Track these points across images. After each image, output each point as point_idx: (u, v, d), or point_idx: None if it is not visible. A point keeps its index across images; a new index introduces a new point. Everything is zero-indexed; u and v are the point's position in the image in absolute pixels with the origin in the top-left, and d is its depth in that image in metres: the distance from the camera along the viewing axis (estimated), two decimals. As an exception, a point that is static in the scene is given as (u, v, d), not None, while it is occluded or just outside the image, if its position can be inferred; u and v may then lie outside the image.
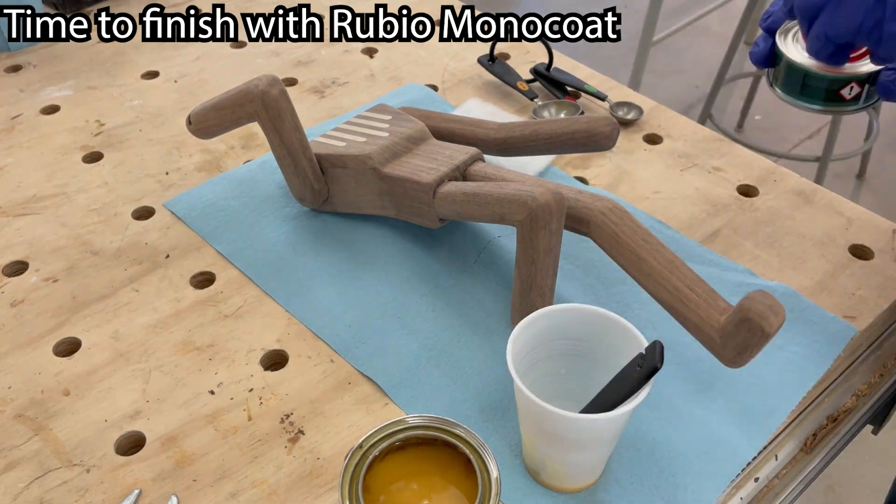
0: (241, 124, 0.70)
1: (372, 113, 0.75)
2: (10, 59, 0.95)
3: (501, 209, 0.58)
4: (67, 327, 0.65)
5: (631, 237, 0.57)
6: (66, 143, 0.83)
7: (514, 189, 0.58)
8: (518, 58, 0.96)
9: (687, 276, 0.55)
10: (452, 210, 0.63)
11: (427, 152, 0.69)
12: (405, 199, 0.67)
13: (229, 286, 0.68)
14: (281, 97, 0.66)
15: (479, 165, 0.67)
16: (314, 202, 0.72)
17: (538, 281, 0.59)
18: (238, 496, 0.54)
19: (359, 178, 0.69)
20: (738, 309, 0.50)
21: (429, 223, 0.67)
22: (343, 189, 0.71)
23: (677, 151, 0.82)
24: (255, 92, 0.66)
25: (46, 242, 0.72)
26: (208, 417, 0.58)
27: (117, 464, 0.55)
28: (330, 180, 0.71)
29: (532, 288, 0.59)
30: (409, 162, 0.67)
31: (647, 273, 0.56)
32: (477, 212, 0.61)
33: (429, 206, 0.65)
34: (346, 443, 0.57)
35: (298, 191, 0.72)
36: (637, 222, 0.59)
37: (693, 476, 0.54)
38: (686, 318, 0.54)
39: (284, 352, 0.63)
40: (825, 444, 0.62)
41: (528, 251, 0.58)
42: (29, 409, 0.59)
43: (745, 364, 0.52)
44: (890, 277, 0.68)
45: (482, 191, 0.61)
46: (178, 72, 0.93)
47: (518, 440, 0.56)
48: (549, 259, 0.58)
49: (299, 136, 0.68)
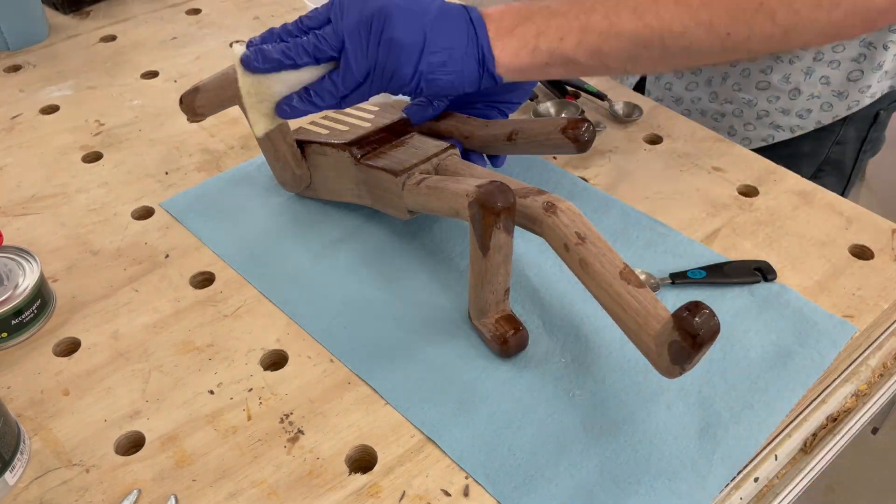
0: (225, 107, 0.71)
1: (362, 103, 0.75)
2: (9, 59, 0.95)
3: (455, 204, 0.59)
4: (67, 327, 0.64)
5: (578, 239, 0.57)
6: (65, 143, 0.83)
7: (467, 185, 0.58)
8: (518, 58, 0.96)
9: (630, 282, 0.54)
10: (418, 203, 0.64)
11: (406, 144, 0.69)
12: (377, 190, 0.68)
13: (229, 286, 0.68)
14: None
15: (452, 160, 0.67)
16: (295, 187, 0.74)
17: (489, 276, 0.59)
18: (237, 496, 0.53)
19: (337, 167, 0.70)
20: (672, 318, 0.49)
21: (400, 214, 0.67)
22: (324, 176, 0.72)
23: (677, 151, 0.82)
24: (233, 76, 0.67)
25: (46, 242, 0.72)
26: (208, 417, 0.58)
27: (117, 464, 0.55)
28: (312, 167, 0.72)
29: (484, 283, 0.60)
30: (385, 153, 0.68)
31: (590, 276, 0.56)
32: (437, 205, 0.62)
33: (398, 198, 0.65)
34: (346, 443, 0.57)
35: (279, 175, 0.73)
36: (588, 225, 0.58)
37: (692, 476, 0.54)
38: (625, 323, 0.54)
39: (284, 352, 0.63)
40: (825, 444, 0.62)
41: (477, 247, 0.58)
42: (28, 408, 0.59)
43: (680, 374, 0.51)
44: (890, 277, 0.68)
45: (441, 185, 0.61)
46: (178, 72, 0.93)
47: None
48: (499, 255, 0.58)
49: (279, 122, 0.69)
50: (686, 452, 0.56)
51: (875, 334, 0.67)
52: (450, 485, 0.54)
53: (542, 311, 0.66)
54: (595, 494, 0.54)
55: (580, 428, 0.57)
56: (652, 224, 0.74)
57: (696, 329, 0.48)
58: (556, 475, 0.54)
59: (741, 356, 0.62)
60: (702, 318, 0.48)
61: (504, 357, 0.61)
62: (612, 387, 0.60)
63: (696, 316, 0.48)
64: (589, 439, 0.57)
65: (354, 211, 0.75)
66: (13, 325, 0.62)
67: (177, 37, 0.99)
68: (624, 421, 0.58)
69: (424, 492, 0.54)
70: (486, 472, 0.55)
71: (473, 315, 0.63)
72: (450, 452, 0.56)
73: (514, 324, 0.61)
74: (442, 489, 0.54)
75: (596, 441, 0.56)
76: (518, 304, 0.66)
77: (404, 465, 0.55)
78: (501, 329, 0.61)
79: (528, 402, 0.59)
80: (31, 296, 0.63)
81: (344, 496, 0.54)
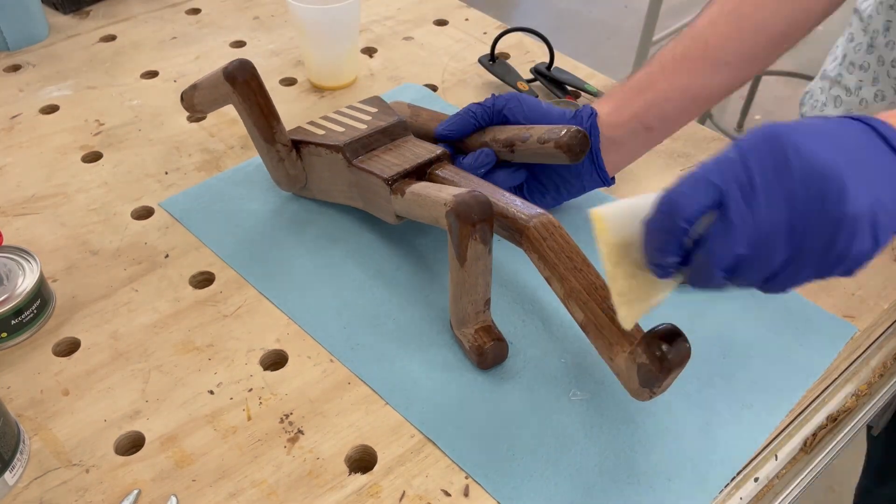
0: (220, 104, 0.72)
1: (361, 104, 0.75)
2: (9, 59, 0.95)
3: (435, 212, 0.58)
4: (67, 327, 0.64)
5: (557, 254, 0.57)
6: (65, 143, 0.83)
7: (446, 193, 0.58)
8: (518, 57, 0.96)
9: (607, 301, 0.53)
10: (403, 209, 0.64)
11: (400, 149, 0.69)
12: (368, 193, 0.68)
13: (229, 286, 0.68)
14: (251, 81, 0.68)
15: (443, 167, 0.67)
16: (290, 187, 0.74)
17: (467, 287, 0.59)
18: (237, 496, 0.53)
19: (332, 167, 0.70)
20: (643, 340, 0.49)
21: (388, 218, 0.67)
22: (318, 176, 0.72)
23: (677, 151, 0.82)
24: (225, 75, 0.68)
25: (46, 242, 0.72)
26: (208, 417, 0.58)
27: (117, 464, 0.55)
28: (307, 167, 0.72)
29: (462, 294, 0.59)
30: (378, 157, 0.68)
31: (566, 291, 0.56)
32: (419, 212, 0.61)
33: (387, 201, 0.65)
34: (346, 443, 0.56)
35: (273, 174, 0.73)
36: (568, 240, 0.58)
37: (692, 476, 0.54)
38: (598, 342, 0.54)
39: (284, 352, 0.63)
40: (825, 444, 0.62)
41: (455, 256, 0.57)
42: (28, 408, 0.59)
43: (650, 397, 0.51)
44: (890, 277, 0.68)
45: (424, 192, 0.61)
46: (177, 72, 0.93)
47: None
48: (478, 266, 0.58)
49: (273, 122, 0.69)
50: (686, 452, 0.56)
51: (875, 334, 0.67)
52: (450, 485, 0.54)
53: (543, 312, 0.66)
54: (595, 494, 0.54)
55: (580, 428, 0.57)
56: (652, 224, 0.73)
57: (665, 353, 0.47)
58: (555, 475, 0.54)
59: (741, 356, 0.62)
60: (672, 342, 0.48)
61: (482, 368, 0.61)
62: (611, 387, 0.60)
63: (665, 340, 0.48)
64: (589, 439, 0.57)
65: (354, 210, 0.75)
66: (13, 325, 0.62)
67: (177, 37, 0.99)
68: (624, 421, 0.58)
69: (424, 492, 0.54)
70: (486, 472, 0.55)
71: (454, 325, 0.62)
72: (449, 452, 0.56)
73: (493, 335, 0.60)
74: (442, 489, 0.54)
75: (596, 441, 0.56)
76: (518, 304, 0.66)
77: (404, 465, 0.55)
78: (480, 340, 0.60)
79: (528, 402, 0.59)
80: (31, 296, 0.63)
81: (344, 496, 0.54)
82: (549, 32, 0.93)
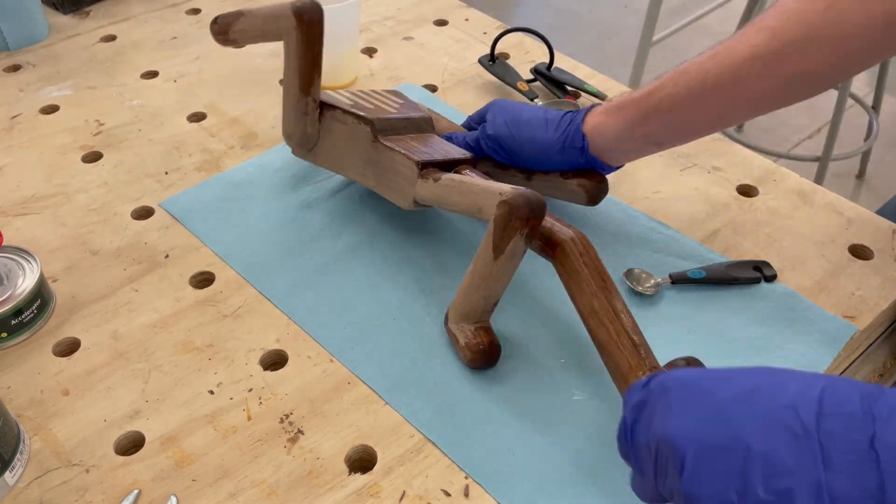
0: (265, 39, 0.70)
1: (386, 92, 0.75)
2: (9, 59, 0.95)
3: (483, 200, 0.58)
4: (67, 327, 0.64)
5: (591, 270, 0.57)
6: (65, 143, 0.83)
7: (502, 186, 0.58)
8: (518, 57, 0.96)
9: (632, 325, 0.55)
10: (433, 193, 0.63)
11: (426, 141, 0.69)
12: (388, 173, 0.67)
13: (229, 286, 0.68)
14: (316, 23, 0.66)
15: (468, 170, 0.67)
16: (301, 144, 0.73)
17: (491, 280, 0.58)
18: (237, 496, 0.53)
19: (352, 138, 0.69)
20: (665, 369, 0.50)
21: (402, 202, 0.66)
22: (333, 143, 0.71)
23: (677, 151, 0.82)
24: (294, 9, 0.66)
25: (46, 242, 0.72)
26: (208, 417, 0.58)
27: (117, 464, 0.55)
28: (324, 130, 0.71)
29: (482, 286, 0.59)
30: (406, 141, 0.68)
31: (594, 309, 0.56)
32: (457, 199, 0.61)
33: (410, 185, 0.65)
34: (346, 443, 0.57)
35: (290, 126, 0.72)
36: (599, 259, 0.59)
37: (693, 476, 0.54)
38: (617, 364, 0.54)
39: (284, 352, 0.63)
40: (825, 444, 0.62)
41: (491, 248, 0.57)
42: (28, 408, 0.59)
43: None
44: (890, 277, 0.68)
45: (469, 181, 0.61)
46: (177, 72, 0.93)
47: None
48: (511, 262, 0.58)
49: (316, 73, 0.68)
50: (686, 452, 0.56)
51: (875, 334, 0.67)
52: (450, 485, 0.54)
53: (543, 312, 0.66)
54: (595, 494, 0.54)
55: (580, 428, 0.57)
56: (652, 224, 0.74)
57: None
58: (555, 475, 0.54)
59: (741, 356, 0.62)
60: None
61: (471, 367, 0.61)
62: (611, 387, 0.60)
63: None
64: (588, 439, 0.57)
65: (355, 210, 0.75)
66: (13, 325, 0.62)
67: (177, 37, 0.99)
68: (624, 421, 0.58)
69: (424, 492, 0.54)
70: (486, 472, 0.55)
71: (453, 317, 0.62)
72: (449, 453, 0.56)
73: (491, 337, 0.60)
74: (442, 489, 0.54)
75: (595, 441, 0.56)
76: (518, 304, 0.66)
77: (404, 465, 0.55)
78: (478, 338, 0.60)
79: (528, 402, 0.59)
80: (31, 296, 0.63)
81: (344, 496, 0.54)
82: (549, 32, 0.93)
